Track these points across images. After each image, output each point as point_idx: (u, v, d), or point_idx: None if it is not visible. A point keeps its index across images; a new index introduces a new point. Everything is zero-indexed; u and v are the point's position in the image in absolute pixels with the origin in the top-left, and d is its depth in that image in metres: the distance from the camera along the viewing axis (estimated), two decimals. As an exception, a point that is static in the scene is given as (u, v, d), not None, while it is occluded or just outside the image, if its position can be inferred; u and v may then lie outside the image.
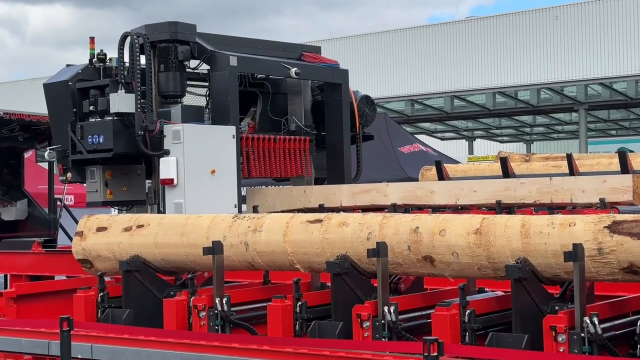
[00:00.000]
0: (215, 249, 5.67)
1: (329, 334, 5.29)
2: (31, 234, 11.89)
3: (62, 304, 7.43)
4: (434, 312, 4.95)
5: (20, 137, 12.23)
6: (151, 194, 9.78)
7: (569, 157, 9.71)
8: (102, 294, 6.40)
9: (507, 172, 9.76)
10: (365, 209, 9.42)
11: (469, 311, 4.91)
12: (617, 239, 4.51)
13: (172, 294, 6.15)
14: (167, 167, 9.24)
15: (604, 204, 8.30)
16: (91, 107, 9.52)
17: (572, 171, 9.54)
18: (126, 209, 10.06)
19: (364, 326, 5.09)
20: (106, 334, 5.81)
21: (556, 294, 4.98)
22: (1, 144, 12.21)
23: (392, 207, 9.37)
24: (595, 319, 4.50)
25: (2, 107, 13.41)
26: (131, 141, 9.33)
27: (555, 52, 38.94)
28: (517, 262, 4.73)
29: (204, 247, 5.70)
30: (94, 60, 9.78)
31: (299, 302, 5.57)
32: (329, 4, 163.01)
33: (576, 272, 4.52)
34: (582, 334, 4.51)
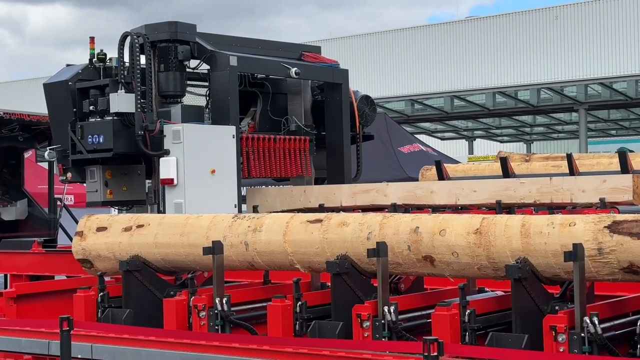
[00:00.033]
0: (215, 248, 5.67)
1: (329, 333, 5.29)
2: (31, 234, 11.88)
3: (62, 303, 7.43)
4: (434, 312, 4.95)
5: (20, 137, 12.21)
6: (151, 194, 9.77)
7: (569, 157, 9.71)
8: (102, 293, 6.40)
9: (507, 172, 9.76)
10: (365, 209, 9.42)
11: (469, 311, 4.91)
12: (617, 239, 4.51)
13: (172, 293, 6.15)
14: (167, 167, 9.24)
15: (604, 204, 8.29)
16: (91, 107, 9.52)
17: (572, 171, 9.54)
18: (126, 208, 10.06)
19: (364, 326, 5.09)
20: (106, 333, 5.81)
21: (556, 294, 4.98)
22: (1, 144, 12.20)
23: (392, 207, 9.37)
24: (595, 319, 4.50)
25: (2, 106, 13.40)
26: (131, 141, 9.33)
27: (555, 52, 38.93)
28: (517, 262, 4.73)
29: (204, 247, 5.70)
30: (94, 60, 9.78)
31: (299, 302, 5.57)
32: (329, 4, 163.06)
33: (576, 272, 4.52)
34: (582, 334, 4.51)
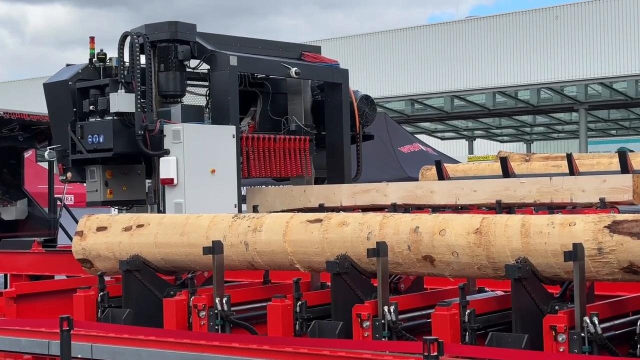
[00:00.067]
0: (215, 248, 5.67)
1: (329, 333, 5.29)
2: (31, 234, 11.89)
3: (62, 303, 7.43)
4: (434, 311, 4.95)
5: (20, 137, 12.22)
6: (151, 194, 9.77)
7: (569, 157, 9.71)
8: (102, 293, 6.41)
9: (507, 171, 9.76)
10: (365, 209, 9.41)
11: (469, 311, 4.91)
12: (617, 239, 4.51)
13: (172, 293, 6.15)
14: (167, 167, 9.24)
15: (604, 204, 8.29)
16: (91, 107, 9.52)
17: (572, 171, 9.54)
18: (126, 208, 10.06)
19: (364, 326, 5.09)
20: (106, 333, 5.81)
21: (556, 294, 4.98)
22: (1, 144, 12.20)
23: (392, 206, 9.37)
24: (595, 319, 4.50)
25: (2, 106, 13.38)
26: (131, 141, 9.33)
27: (555, 51, 38.92)
28: (517, 262, 4.73)
29: (204, 247, 5.70)
30: (94, 59, 9.78)
31: (299, 302, 5.58)
32: (329, 4, 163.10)
33: (576, 271, 4.52)
34: (582, 334, 4.51)
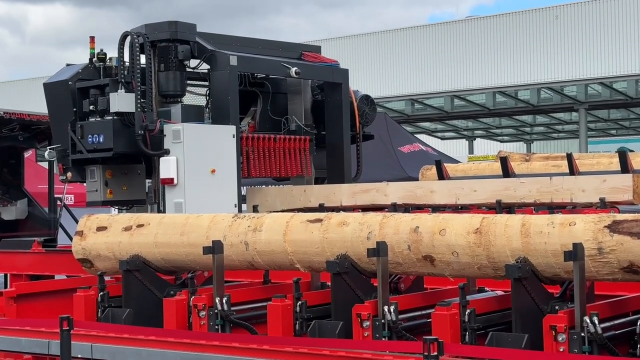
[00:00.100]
0: (215, 248, 5.67)
1: (329, 333, 5.29)
2: (31, 234, 11.89)
3: (62, 303, 7.43)
4: (434, 311, 4.95)
5: (20, 137, 12.22)
6: (151, 194, 9.77)
7: (569, 157, 9.71)
8: (102, 293, 6.41)
9: (507, 171, 9.76)
10: (365, 209, 9.41)
11: (469, 311, 4.92)
12: (617, 239, 4.51)
13: (172, 293, 6.15)
14: (167, 167, 9.24)
15: (604, 204, 8.29)
16: (91, 107, 9.52)
17: (572, 171, 9.54)
18: (126, 208, 10.06)
19: (364, 326, 5.09)
20: (106, 333, 5.81)
21: (556, 294, 4.98)
22: (1, 144, 12.20)
23: (392, 206, 9.37)
24: (595, 319, 4.50)
25: (2, 106, 13.40)
26: (131, 141, 9.32)
27: (555, 51, 38.92)
28: (517, 262, 4.73)
29: (204, 247, 5.70)
30: (94, 59, 9.77)
31: (299, 302, 5.58)
32: (329, 4, 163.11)
33: (576, 271, 4.52)
34: (582, 334, 4.51)
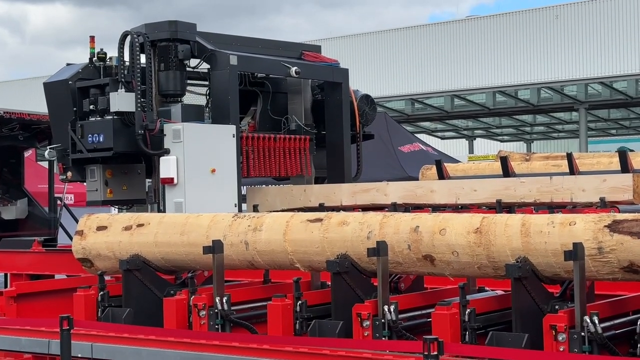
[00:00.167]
0: (215, 248, 5.67)
1: (329, 333, 5.29)
2: (31, 233, 11.90)
3: (62, 303, 7.43)
4: (434, 311, 4.95)
5: (20, 136, 12.22)
6: (151, 193, 9.77)
7: (569, 157, 9.71)
8: (102, 293, 6.40)
9: (507, 171, 9.76)
10: (365, 208, 9.41)
11: (469, 310, 4.92)
12: (617, 238, 4.51)
13: (172, 293, 6.15)
14: (167, 166, 9.23)
15: (604, 203, 8.29)
16: (91, 106, 9.51)
17: (572, 170, 9.54)
18: (126, 208, 10.06)
19: (364, 325, 5.09)
20: (106, 333, 5.80)
21: (556, 293, 4.98)
22: (1, 143, 12.21)
23: (392, 206, 9.36)
24: (595, 318, 4.50)
25: (2, 106, 13.39)
26: (131, 140, 9.32)
27: (555, 51, 38.92)
28: (517, 261, 4.73)
29: (204, 246, 5.70)
30: (94, 59, 9.77)
31: (299, 301, 5.58)
32: (329, 3, 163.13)
33: (576, 271, 4.52)
34: (582, 333, 4.51)
